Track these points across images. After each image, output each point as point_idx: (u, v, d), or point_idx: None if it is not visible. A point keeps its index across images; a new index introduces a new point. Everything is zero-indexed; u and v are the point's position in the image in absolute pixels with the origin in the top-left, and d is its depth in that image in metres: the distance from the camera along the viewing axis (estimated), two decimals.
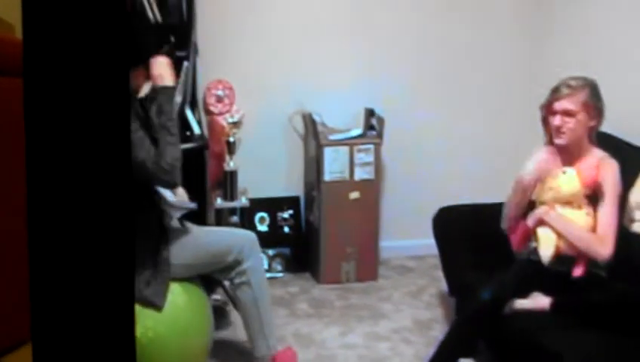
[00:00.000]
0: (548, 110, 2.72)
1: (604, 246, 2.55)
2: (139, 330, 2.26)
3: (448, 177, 4.05)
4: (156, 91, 2.43)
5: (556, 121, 2.68)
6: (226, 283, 2.89)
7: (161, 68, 2.43)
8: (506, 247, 2.75)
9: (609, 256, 2.54)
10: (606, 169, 2.66)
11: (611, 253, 2.54)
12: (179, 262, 2.51)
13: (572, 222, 2.62)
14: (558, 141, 2.70)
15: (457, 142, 4.07)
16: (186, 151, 2.60)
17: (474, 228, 3.00)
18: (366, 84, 3.91)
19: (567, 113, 2.66)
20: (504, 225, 2.79)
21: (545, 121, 2.77)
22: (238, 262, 2.59)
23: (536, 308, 2.51)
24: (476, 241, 2.96)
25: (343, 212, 3.70)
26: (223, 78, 3.70)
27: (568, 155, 2.74)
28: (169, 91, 2.43)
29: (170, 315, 2.47)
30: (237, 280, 2.61)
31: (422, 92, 4.00)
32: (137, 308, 2.33)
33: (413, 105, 3.98)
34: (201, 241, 2.60)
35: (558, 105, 2.68)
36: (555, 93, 2.69)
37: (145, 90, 2.61)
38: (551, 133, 2.74)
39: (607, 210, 2.61)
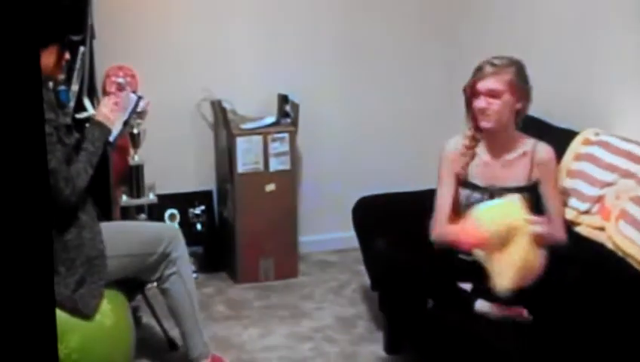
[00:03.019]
0: (471, 92, 2.59)
1: (561, 232, 2.54)
2: (61, 351, 2.19)
3: (368, 165, 3.92)
4: (95, 124, 2.54)
5: (480, 103, 2.55)
6: (150, 285, 2.83)
7: (107, 109, 2.59)
8: (427, 238, 2.65)
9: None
10: (542, 155, 2.61)
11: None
12: (112, 253, 2.45)
13: None
14: (484, 124, 2.57)
15: (377, 128, 3.94)
16: None
17: (395, 218, 2.88)
18: (278, 68, 3.73)
19: (491, 94, 2.53)
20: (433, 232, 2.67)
21: (469, 105, 2.63)
22: (166, 255, 2.59)
23: (513, 315, 2.37)
24: (398, 232, 2.81)
25: (259, 206, 3.55)
26: (124, 64, 3.48)
27: (495, 144, 2.63)
28: (106, 131, 2.54)
29: (96, 334, 2.40)
30: (167, 272, 2.61)
31: (337, 76, 3.85)
32: (60, 324, 2.25)
33: (328, 91, 3.83)
34: (130, 231, 2.64)
35: (482, 86, 2.54)
36: (478, 73, 2.56)
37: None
38: (475, 118, 2.61)
39: (554, 194, 2.60)
